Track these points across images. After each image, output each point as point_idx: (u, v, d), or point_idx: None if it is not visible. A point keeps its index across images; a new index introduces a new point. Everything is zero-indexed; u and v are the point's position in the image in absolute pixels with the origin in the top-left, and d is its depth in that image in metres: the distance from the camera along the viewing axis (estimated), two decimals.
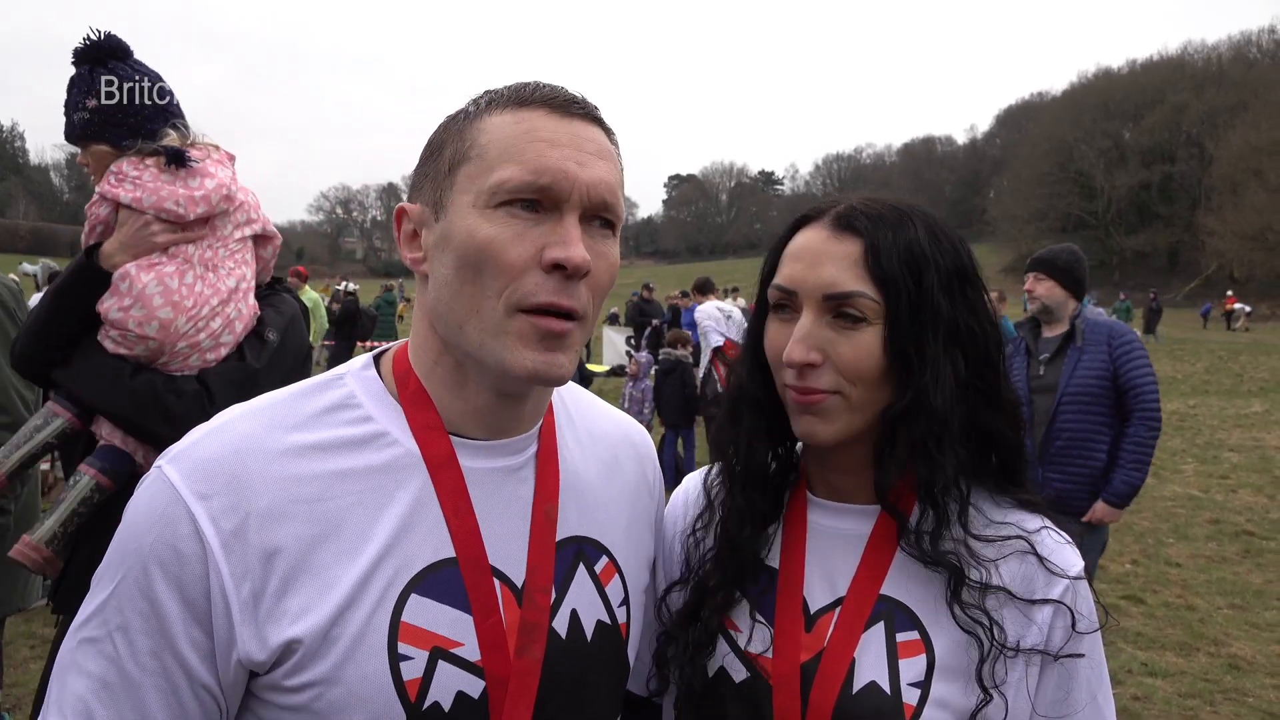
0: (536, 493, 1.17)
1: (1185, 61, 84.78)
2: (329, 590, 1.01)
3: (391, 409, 1.13)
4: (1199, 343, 33.75)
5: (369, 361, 1.19)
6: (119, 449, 2.30)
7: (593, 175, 1.05)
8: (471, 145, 1.06)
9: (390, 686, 1.01)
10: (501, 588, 1.10)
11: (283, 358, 2.47)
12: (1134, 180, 78.72)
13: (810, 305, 1.19)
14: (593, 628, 1.17)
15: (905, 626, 1.18)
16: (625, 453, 1.35)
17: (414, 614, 1.04)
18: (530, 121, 1.05)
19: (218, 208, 2.37)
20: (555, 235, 1.03)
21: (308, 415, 1.10)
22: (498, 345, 1.04)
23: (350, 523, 1.04)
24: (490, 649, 1.06)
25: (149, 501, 1.02)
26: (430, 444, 1.10)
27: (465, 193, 1.05)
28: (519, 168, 1.02)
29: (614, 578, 1.23)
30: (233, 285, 2.39)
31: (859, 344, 1.17)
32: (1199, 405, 17.73)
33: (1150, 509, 9.63)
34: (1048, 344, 4.85)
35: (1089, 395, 4.62)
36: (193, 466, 1.02)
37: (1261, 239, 59.99)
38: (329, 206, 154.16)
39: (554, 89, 1.09)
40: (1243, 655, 5.81)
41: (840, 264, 1.19)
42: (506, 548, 1.12)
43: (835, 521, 1.29)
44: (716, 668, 1.25)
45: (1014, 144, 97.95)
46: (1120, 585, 7.11)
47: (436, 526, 1.08)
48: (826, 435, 1.21)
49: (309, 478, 1.05)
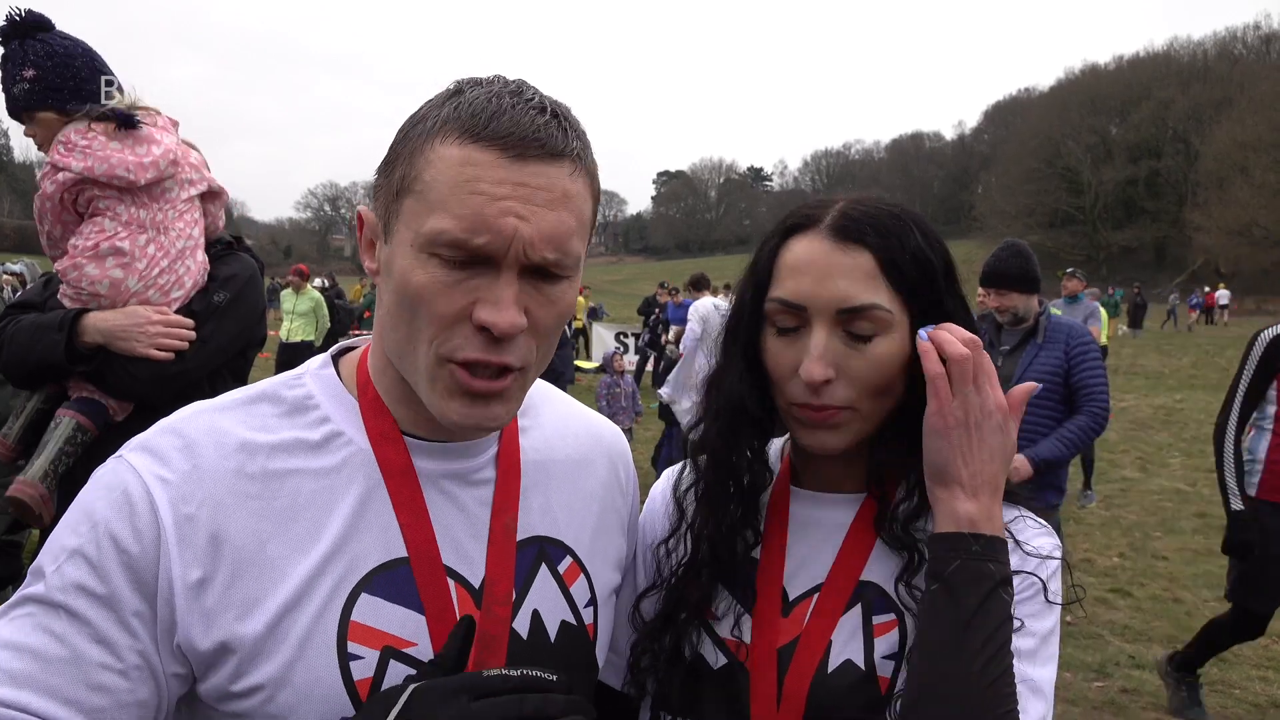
0: (496, 494, 1.16)
1: (1171, 58, 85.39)
2: (277, 585, 1.01)
3: (349, 408, 1.12)
4: (1185, 337, 33.96)
5: (327, 360, 1.19)
6: (92, 398, 2.46)
7: (537, 230, 0.97)
8: (416, 178, 1.00)
9: (340, 686, 1.00)
10: (457, 588, 1.09)
11: (237, 314, 2.60)
12: (1121, 176, 79.32)
13: (822, 321, 1.16)
14: (556, 628, 1.16)
15: (882, 609, 1.18)
16: (595, 453, 1.33)
17: (364, 613, 1.03)
18: (476, 168, 0.97)
19: (166, 173, 2.45)
20: (488, 294, 0.98)
21: (267, 415, 1.10)
22: (428, 390, 1.03)
23: (302, 520, 1.04)
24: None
25: (109, 481, 1.02)
26: (386, 450, 1.10)
27: (407, 227, 1.00)
28: (454, 221, 0.96)
29: (579, 578, 1.21)
30: (181, 246, 2.50)
31: (874, 358, 1.16)
32: (1185, 399, 17.82)
33: (1138, 503, 9.68)
34: (1010, 336, 4.96)
35: (1041, 390, 4.65)
36: (154, 456, 1.03)
37: (1247, 234, 60.47)
38: (317, 204, 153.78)
39: (513, 120, 0.98)
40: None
41: (852, 277, 1.15)
42: (462, 548, 1.11)
43: (818, 511, 1.28)
44: (694, 654, 1.25)
45: (1002, 140, 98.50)
46: (1108, 578, 7.13)
47: (389, 526, 1.07)
48: (838, 446, 1.20)
49: (265, 475, 1.05)
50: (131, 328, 2.37)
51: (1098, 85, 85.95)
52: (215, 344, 2.54)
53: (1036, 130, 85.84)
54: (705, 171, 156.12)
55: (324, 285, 19.87)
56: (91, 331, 2.37)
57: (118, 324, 2.37)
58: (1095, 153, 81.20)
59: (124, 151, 2.38)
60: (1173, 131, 78.49)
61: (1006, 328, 4.98)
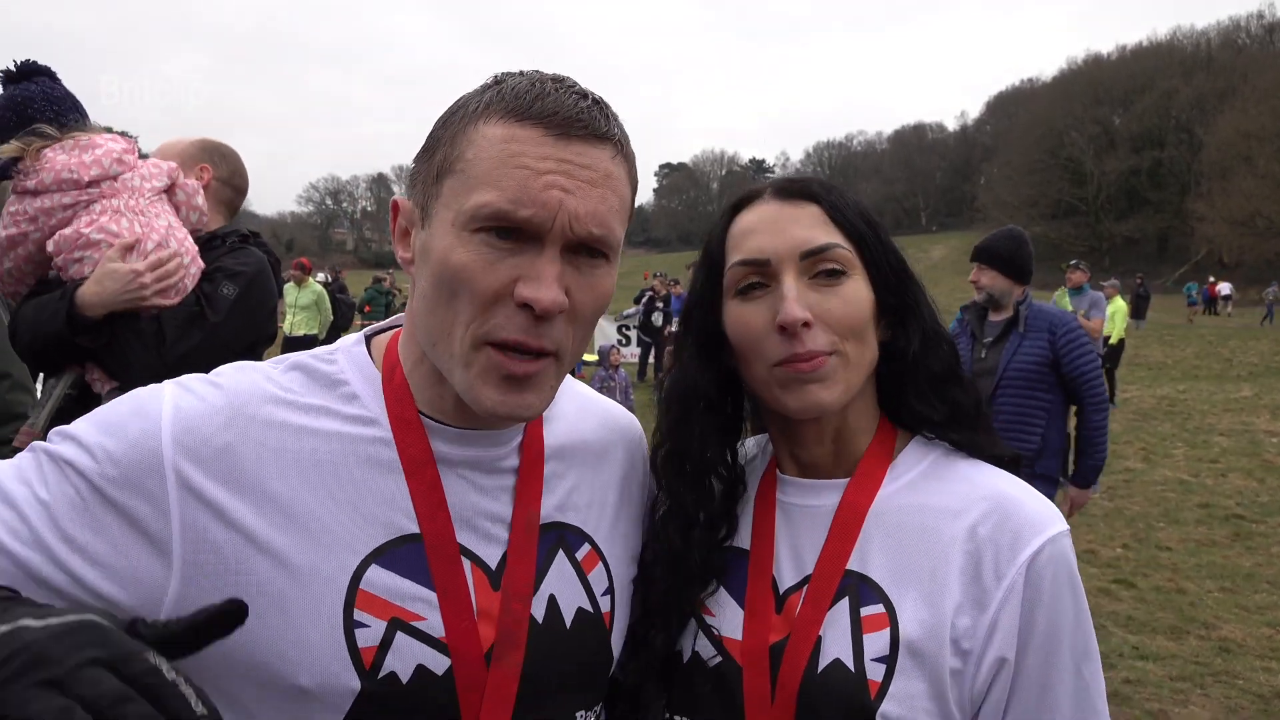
0: (519, 483, 1.16)
1: (1175, 47, 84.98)
2: (285, 539, 1.01)
3: (377, 389, 1.13)
4: (1188, 328, 33.89)
5: (360, 339, 1.20)
6: (113, 390, 2.50)
7: (580, 206, 0.98)
8: (459, 157, 1.00)
9: (345, 652, 1.00)
10: (473, 568, 1.09)
11: (245, 308, 2.65)
12: (1124, 166, 78.98)
13: (788, 268, 1.19)
14: (572, 615, 1.16)
15: (870, 600, 1.17)
16: (615, 442, 1.33)
17: (372, 584, 1.03)
18: (520, 143, 0.97)
19: (111, 169, 2.55)
20: (530, 270, 0.98)
21: (298, 381, 1.11)
22: (463, 376, 1.03)
23: (318, 480, 1.04)
24: (456, 628, 1.05)
25: (139, 395, 1.04)
26: (406, 436, 1.10)
27: (447, 208, 1.01)
28: (498, 194, 0.96)
29: (597, 565, 1.21)
30: (164, 224, 2.61)
31: (846, 297, 1.19)
32: (1189, 390, 17.80)
33: (1141, 493, 9.68)
34: (992, 328, 4.98)
35: (1026, 379, 4.78)
36: (185, 388, 1.05)
37: (1251, 224, 60.25)
38: (318, 197, 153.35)
39: (558, 100, 0.99)
40: (1233, 638, 5.84)
41: (806, 223, 1.21)
42: (481, 529, 1.11)
43: (804, 499, 1.28)
44: (690, 651, 1.25)
45: (1004, 130, 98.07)
46: (1111, 569, 7.14)
47: (404, 503, 1.07)
48: (831, 400, 1.18)
49: (290, 427, 1.06)
50: (125, 287, 2.41)
51: (1101, 75, 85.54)
52: (222, 337, 2.56)
53: (1039, 121, 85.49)
54: (707, 164, 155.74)
55: (327, 280, 19.88)
56: (92, 302, 2.40)
57: (108, 289, 2.40)
58: (1098, 143, 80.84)
59: (66, 156, 2.52)
60: (1176, 121, 78.14)
61: (990, 320, 5.00)
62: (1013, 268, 4.91)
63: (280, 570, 1.00)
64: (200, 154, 2.93)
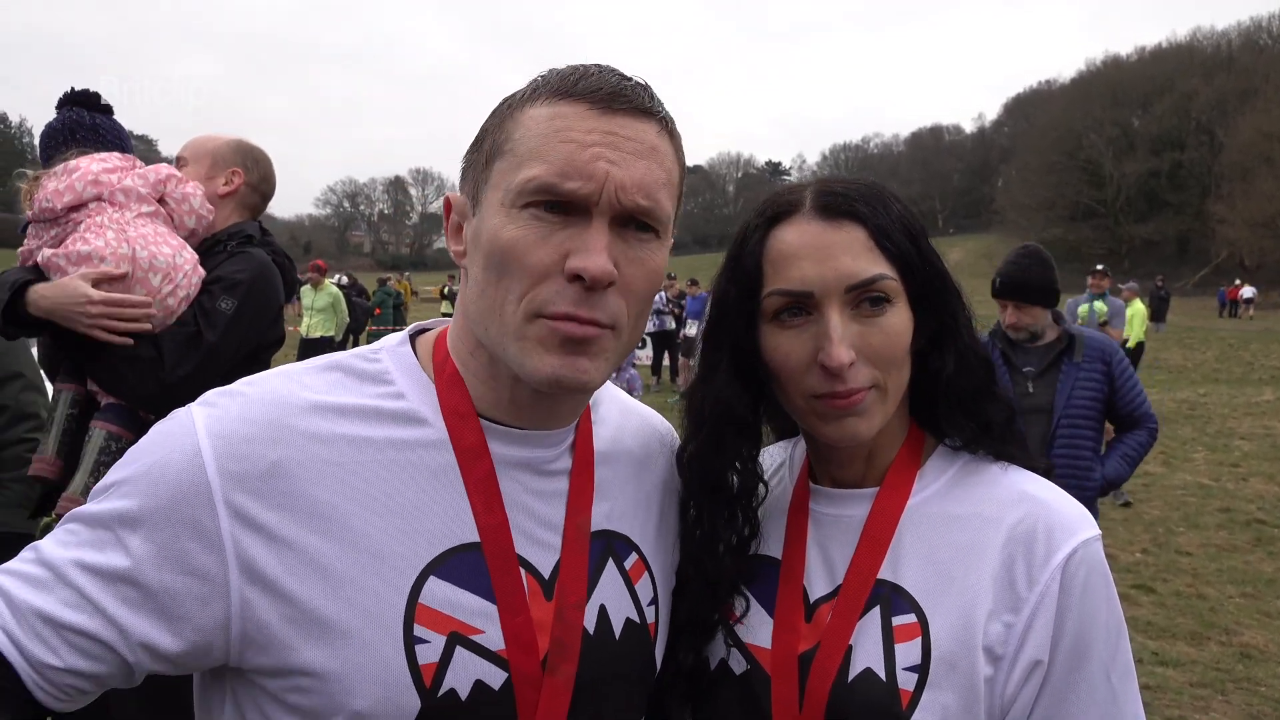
0: (571, 488, 1.14)
1: (1195, 48, 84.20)
2: (343, 558, 0.97)
3: (424, 388, 1.10)
4: (1209, 331, 33.57)
5: (405, 338, 1.17)
6: (120, 404, 2.50)
7: (627, 176, 0.98)
8: (507, 139, 1.02)
9: (405, 669, 0.97)
10: (528, 578, 1.06)
11: (244, 320, 2.60)
12: (1143, 168, 78.32)
13: (832, 302, 1.14)
14: (621, 625, 1.13)
15: (902, 610, 1.16)
16: (656, 450, 1.32)
17: (432, 596, 0.99)
18: (566, 118, 0.99)
19: (85, 193, 2.52)
20: (579, 242, 0.97)
21: (339, 381, 1.08)
22: (517, 350, 1.00)
23: (371, 493, 1.01)
24: (515, 641, 1.02)
25: (166, 428, 1.01)
26: (460, 430, 1.07)
27: (496, 189, 1.01)
28: (545, 167, 0.97)
29: (643, 575, 1.19)
30: (150, 232, 2.55)
31: (888, 329, 1.15)
32: (1209, 394, 17.64)
33: (1161, 498, 9.60)
34: (1032, 355, 4.35)
35: (1085, 418, 4.24)
36: (224, 418, 0.99)
37: (1272, 226, 59.64)
38: (336, 200, 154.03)
39: (601, 79, 1.01)
40: (1254, 644, 5.78)
41: (852, 251, 1.15)
42: (534, 536, 1.09)
43: (837, 509, 1.27)
44: (718, 660, 1.24)
45: (1022, 132, 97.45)
46: (1130, 574, 7.08)
47: (461, 510, 1.04)
48: (869, 431, 1.17)
49: (334, 437, 1.02)
50: (70, 305, 2.37)
51: (1119, 77, 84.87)
52: (222, 354, 2.52)
53: (1057, 123, 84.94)
54: (723, 166, 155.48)
55: (341, 282, 20.00)
56: (36, 300, 2.39)
57: (57, 300, 2.38)
58: (1117, 145, 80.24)
59: (55, 183, 2.53)
60: (1196, 123, 77.44)
61: (1026, 346, 4.38)
62: (1049, 295, 4.32)
63: (338, 593, 0.97)
64: (234, 156, 2.89)
